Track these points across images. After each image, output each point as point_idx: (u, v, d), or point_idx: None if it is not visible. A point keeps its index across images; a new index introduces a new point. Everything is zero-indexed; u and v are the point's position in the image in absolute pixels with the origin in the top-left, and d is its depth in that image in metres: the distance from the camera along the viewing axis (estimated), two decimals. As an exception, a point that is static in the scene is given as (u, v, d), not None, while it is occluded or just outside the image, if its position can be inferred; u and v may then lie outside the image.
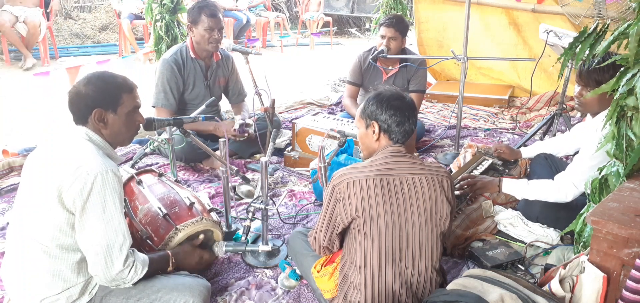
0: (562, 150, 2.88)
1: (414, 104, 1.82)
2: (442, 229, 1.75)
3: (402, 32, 3.53)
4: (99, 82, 1.69)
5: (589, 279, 1.54)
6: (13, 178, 3.14)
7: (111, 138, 1.74)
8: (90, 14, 8.86)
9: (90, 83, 1.68)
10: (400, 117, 1.74)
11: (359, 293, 1.70)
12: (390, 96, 1.78)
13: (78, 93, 1.67)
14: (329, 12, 9.77)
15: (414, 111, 1.80)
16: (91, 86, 1.67)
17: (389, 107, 1.75)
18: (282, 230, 2.61)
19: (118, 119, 1.72)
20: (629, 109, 1.64)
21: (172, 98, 3.19)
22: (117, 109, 1.71)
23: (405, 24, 3.58)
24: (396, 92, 1.80)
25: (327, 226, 1.75)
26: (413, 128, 1.80)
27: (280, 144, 3.66)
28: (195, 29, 3.15)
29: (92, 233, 1.57)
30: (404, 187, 1.69)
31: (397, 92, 1.81)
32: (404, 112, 1.75)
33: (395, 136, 1.76)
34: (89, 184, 1.55)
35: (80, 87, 1.68)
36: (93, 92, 1.67)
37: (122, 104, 1.71)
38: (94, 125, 1.69)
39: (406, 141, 1.79)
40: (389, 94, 1.79)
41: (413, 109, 1.79)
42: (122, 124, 1.73)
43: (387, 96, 1.78)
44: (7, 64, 6.26)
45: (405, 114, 1.75)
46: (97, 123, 1.68)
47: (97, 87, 1.68)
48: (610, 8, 3.10)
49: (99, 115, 1.67)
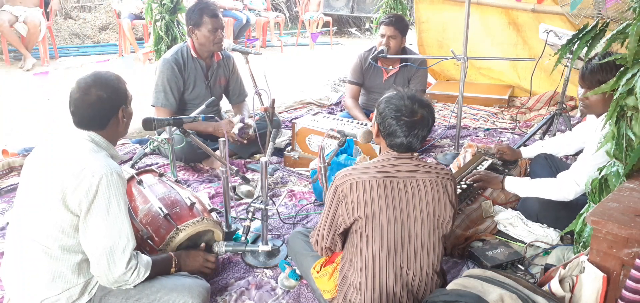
0: (562, 150, 2.88)
1: (426, 123, 1.70)
2: (444, 232, 1.75)
3: (401, 31, 3.54)
4: (114, 82, 1.73)
5: (588, 279, 1.54)
6: (13, 178, 3.13)
7: (125, 132, 1.81)
8: (90, 14, 8.85)
9: (106, 85, 1.69)
10: (401, 133, 1.68)
11: (358, 294, 1.70)
12: (401, 107, 1.68)
13: (100, 98, 1.67)
14: (328, 12, 9.76)
15: (422, 131, 1.69)
16: (110, 88, 1.69)
17: (394, 118, 1.68)
18: (282, 230, 2.61)
19: (131, 112, 1.81)
20: (629, 109, 1.64)
21: (172, 98, 3.19)
22: (129, 102, 1.78)
23: (405, 23, 3.59)
24: (410, 106, 1.68)
25: (329, 227, 1.74)
26: (414, 147, 1.71)
27: (280, 144, 3.66)
28: (197, 31, 3.14)
29: (95, 235, 1.57)
30: (407, 189, 1.68)
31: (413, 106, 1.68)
32: (408, 130, 1.67)
33: (392, 147, 1.73)
34: (94, 186, 1.55)
35: (98, 92, 1.67)
36: (113, 92, 1.70)
37: (129, 97, 1.79)
38: (115, 125, 1.73)
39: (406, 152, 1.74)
40: (401, 104, 1.69)
41: (422, 128, 1.69)
42: (132, 115, 1.82)
43: (397, 107, 1.69)
44: (7, 64, 6.26)
45: (407, 132, 1.67)
46: (122, 120, 1.74)
47: (112, 87, 1.71)
48: (610, 8, 3.10)
49: (123, 113, 1.74)
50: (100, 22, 8.57)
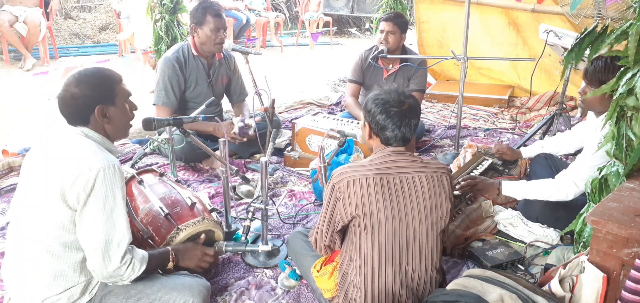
0: (562, 150, 2.88)
1: (415, 111, 1.73)
2: (442, 227, 1.75)
3: (400, 27, 3.54)
4: (91, 79, 1.66)
5: (588, 279, 1.54)
6: (13, 178, 3.13)
7: (113, 132, 1.73)
8: (90, 14, 8.86)
9: (82, 82, 1.64)
10: (393, 124, 1.69)
11: (359, 291, 1.70)
12: (388, 99, 1.72)
13: (73, 95, 1.63)
14: (328, 12, 9.77)
15: (412, 119, 1.72)
16: (84, 85, 1.64)
17: (383, 111, 1.70)
18: (282, 230, 2.62)
19: (118, 111, 1.72)
20: (629, 109, 1.64)
21: (173, 96, 3.19)
22: (115, 101, 1.70)
23: (404, 20, 3.59)
24: (397, 97, 1.72)
25: (327, 225, 1.75)
26: (409, 136, 1.73)
27: (280, 144, 3.66)
28: (200, 30, 3.14)
29: (91, 228, 1.57)
30: (404, 186, 1.68)
31: (398, 97, 1.72)
32: (400, 120, 1.69)
33: (386, 141, 1.73)
34: (91, 179, 1.55)
35: (72, 89, 1.63)
36: (89, 90, 1.64)
37: (118, 95, 1.71)
38: (97, 123, 1.67)
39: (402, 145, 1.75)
40: (388, 97, 1.72)
41: (412, 116, 1.72)
42: (123, 114, 1.74)
43: (384, 100, 1.72)
44: (7, 64, 6.26)
45: (399, 122, 1.69)
46: (100, 119, 1.67)
47: (91, 84, 1.65)
48: (610, 8, 3.10)
49: (101, 111, 1.66)
50: (100, 22, 8.57)
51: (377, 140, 1.77)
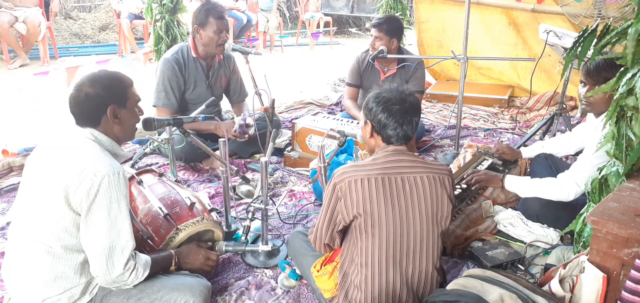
0: (562, 150, 2.88)
1: (416, 109, 1.74)
2: (443, 228, 1.75)
3: (388, 33, 3.47)
4: (106, 80, 1.70)
5: (588, 279, 1.54)
6: (13, 178, 3.14)
7: (122, 134, 1.76)
8: (90, 14, 8.86)
9: (96, 83, 1.68)
10: (395, 122, 1.70)
11: (359, 291, 1.70)
12: (389, 97, 1.73)
13: (87, 95, 1.66)
14: (328, 12, 9.77)
15: (414, 117, 1.73)
16: (99, 86, 1.67)
17: (385, 110, 1.71)
18: (282, 230, 2.62)
19: (129, 114, 1.75)
20: (629, 109, 1.64)
21: (173, 97, 3.19)
22: (126, 103, 1.74)
23: (393, 25, 3.51)
24: (398, 95, 1.73)
25: (327, 224, 1.74)
26: (410, 134, 1.74)
27: (280, 144, 3.66)
28: (202, 31, 3.14)
29: (95, 234, 1.57)
30: (405, 186, 1.68)
31: (400, 95, 1.73)
32: (402, 117, 1.70)
33: (388, 140, 1.74)
34: (95, 185, 1.55)
35: (87, 89, 1.66)
36: (103, 90, 1.68)
37: (130, 98, 1.75)
38: (107, 124, 1.70)
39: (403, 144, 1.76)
40: (389, 95, 1.74)
41: (413, 114, 1.73)
42: (132, 118, 1.78)
43: (386, 98, 1.73)
44: (7, 64, 6.26)
45: (400, 120, 1.70)
46: (111, 120, 1.70)
47: (105, 85, 1.69)
48: (610, 8, 3.10)
49: (113, 112, 1.69)
50: (100, 22, 8.57)
51: (379, 139, 1.77)
